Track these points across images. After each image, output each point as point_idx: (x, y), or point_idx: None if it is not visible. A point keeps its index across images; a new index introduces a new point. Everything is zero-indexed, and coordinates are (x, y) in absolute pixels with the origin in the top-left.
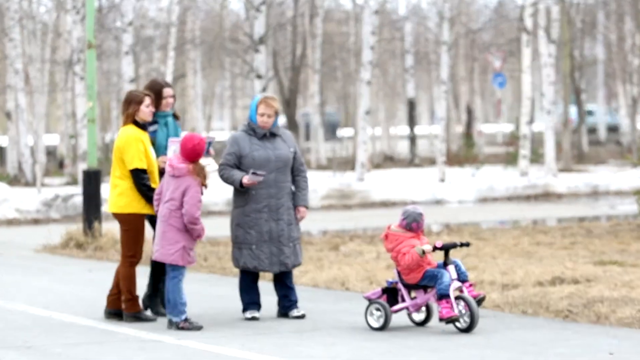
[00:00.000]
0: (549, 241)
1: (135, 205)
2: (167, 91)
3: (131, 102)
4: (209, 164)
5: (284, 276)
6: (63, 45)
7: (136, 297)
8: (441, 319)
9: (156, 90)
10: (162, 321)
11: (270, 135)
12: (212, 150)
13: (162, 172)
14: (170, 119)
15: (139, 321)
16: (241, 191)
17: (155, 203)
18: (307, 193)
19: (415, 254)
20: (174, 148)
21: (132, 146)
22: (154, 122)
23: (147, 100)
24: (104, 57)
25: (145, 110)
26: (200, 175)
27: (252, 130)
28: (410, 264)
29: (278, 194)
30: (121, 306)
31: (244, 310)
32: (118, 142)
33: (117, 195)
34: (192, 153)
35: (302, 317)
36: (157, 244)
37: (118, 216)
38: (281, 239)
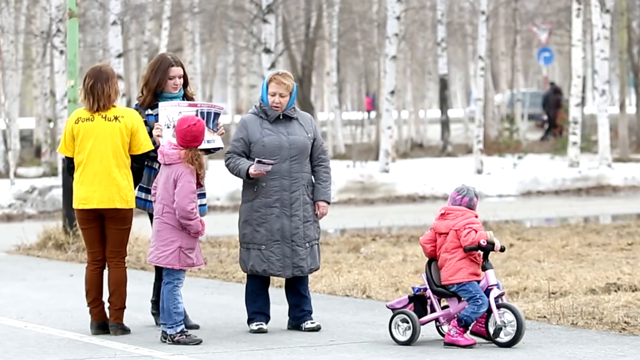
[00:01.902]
0: (602, 242)
1: (134, 198)
2: (175, 70)
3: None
4: (214, 140)
5: (298, 282)
6: (40, 14)
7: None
8: (445, 344)
9: (162, 69)
10: (155, 333)
11: (284, 118)
12: (220, 125)
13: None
14: (177, 101)
15: (127, 333)
16: (250, 183)
17: (152, 198)
18: (329, 186)
19: (485, 235)
20: (166, 113)
21: (142, 125)
22: (157, 105)
23: None
24: (88, 28)
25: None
26: (195, 162)
27: (264, 112)
28: (474, 241)
29: (292, 187)
30: (106, 317)
31: (250, 321)
32: (129, 123)
33: (124, 188)
34: (186, 136)
35: (316, 329)
36: (151, 244)
37: (124, 212)
38: (295, 239)
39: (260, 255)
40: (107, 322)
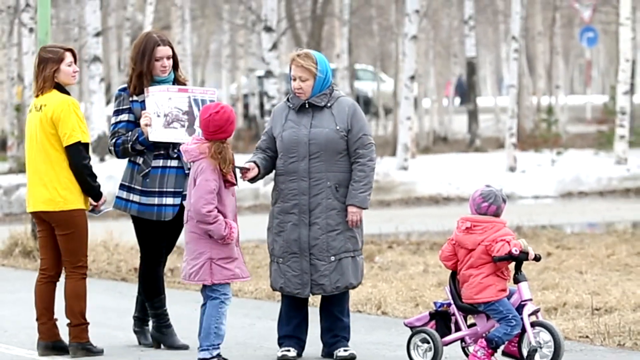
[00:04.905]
0: None
1: (79, 198)
2: (161, 50)
3: (47, 62)
4: (179, 138)
5: (331, 301)
6: None
7: (87, 323)
8: None
9: (148, 49)
10: (137, 354)
11: (311, 107)
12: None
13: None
14: (166, 86)
15: (90, 354)
16: (274, 184)
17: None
18: (364, 187)
19: (518, 244)
20: (154, 100)
21: (72, 113)
22: (143, 91)
23: (69, 57)
24: (62, 2)
25: (67, 71)
26: (219, 157)
27: (291, 100)
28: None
29: (312, 190)
30: (58, 335)
31: (278, 345)
32: (49, 112)
33: (54, 188)
34: (209, 127)
35: (349, 358)
36: (183, 259)
37: (55, 215)
38: (314, 251)
39: (278, 270)
40: (58, 342)
